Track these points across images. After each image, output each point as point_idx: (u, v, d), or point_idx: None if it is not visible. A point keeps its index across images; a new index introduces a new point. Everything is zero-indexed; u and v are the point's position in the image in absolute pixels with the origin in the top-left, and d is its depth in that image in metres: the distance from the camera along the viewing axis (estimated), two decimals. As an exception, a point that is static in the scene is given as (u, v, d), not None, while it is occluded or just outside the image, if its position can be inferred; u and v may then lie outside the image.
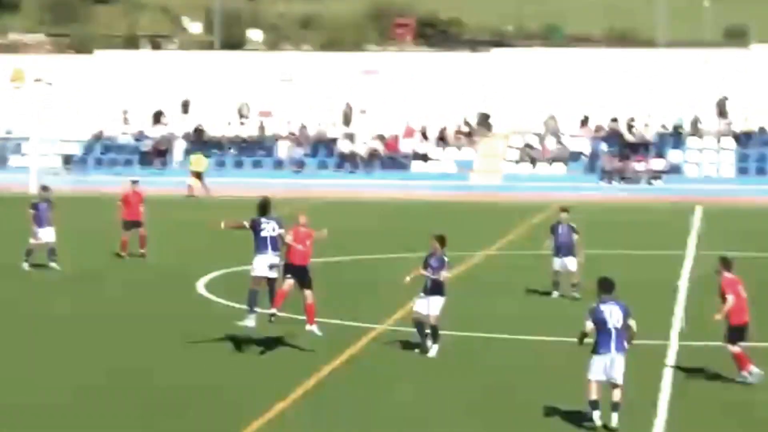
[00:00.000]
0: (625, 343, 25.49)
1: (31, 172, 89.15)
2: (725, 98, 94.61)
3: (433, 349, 31.67)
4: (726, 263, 31.92)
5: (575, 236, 42.77)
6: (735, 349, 30.13)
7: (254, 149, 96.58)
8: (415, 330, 32.17)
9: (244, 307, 31.64)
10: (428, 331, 31.78)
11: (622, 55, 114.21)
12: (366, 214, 73.69)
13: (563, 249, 42.40)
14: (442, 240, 32.43)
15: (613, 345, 25.28)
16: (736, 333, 30.39)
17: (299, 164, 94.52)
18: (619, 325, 25.57)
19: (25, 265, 47.99)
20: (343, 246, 54.09)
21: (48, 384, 28.76)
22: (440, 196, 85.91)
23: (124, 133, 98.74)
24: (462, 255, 51.11)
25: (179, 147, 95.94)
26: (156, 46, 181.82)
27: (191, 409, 26.65)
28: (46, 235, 48.13)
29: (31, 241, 48.36)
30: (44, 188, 51.29)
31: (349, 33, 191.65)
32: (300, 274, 32.58)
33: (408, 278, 32.50)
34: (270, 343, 32.52)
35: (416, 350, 31.93)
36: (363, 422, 25.90)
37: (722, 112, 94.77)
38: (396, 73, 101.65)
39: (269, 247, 32.33)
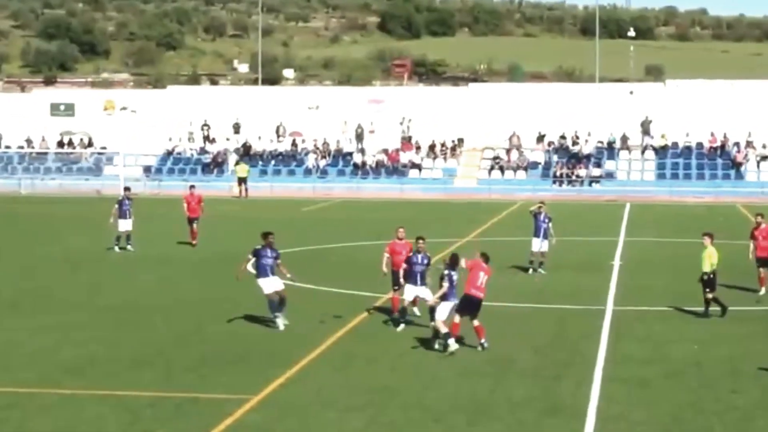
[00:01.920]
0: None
1: (120, 178, 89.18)
2: (649, 120, 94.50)
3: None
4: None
5: (550, 224, 42.64)
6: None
7: (288, 161, 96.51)
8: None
9: (286, 283, 31.15)
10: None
11: (568, 88, 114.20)
12: (374, 209, 73.63)
13: (541, 233, 42.25)
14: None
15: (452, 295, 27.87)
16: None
17: (323, 172, 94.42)
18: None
19: (116, 248, 48.16)
20: (357, 234, 54.12)
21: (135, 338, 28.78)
22: (430, 196, 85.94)
23: (190, 149, 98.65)
24: (448, 241, 51.10)
25: (232, 159, 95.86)
26: (213, 82, 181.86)
27: (237, 362, 26.50)
28: (125, 225, 48.52)
29: (119, 229, 48.66)
30: (127, 189, 51.82)
31: (360, 71, 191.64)
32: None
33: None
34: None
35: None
36: (371, 364, 25.91)
37: (646, 131, 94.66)
38: (396, 102, 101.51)
39: (269, 273, 30.29)
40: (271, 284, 30.19)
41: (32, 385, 23.92)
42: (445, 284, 27.96)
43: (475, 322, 27.78)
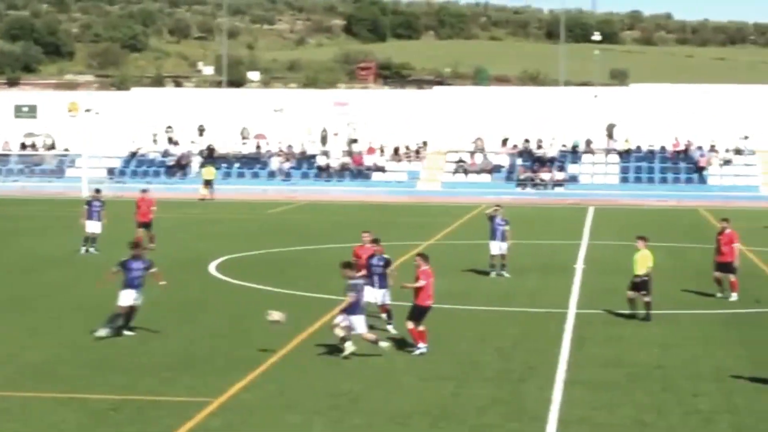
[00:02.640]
0: None
1: (82, 181, 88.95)
2: (613, 124, 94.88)
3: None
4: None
5: (507, 227, 42.73)
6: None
7: (253, 163, 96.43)
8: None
9: (251, 285, 31.14)
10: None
11: (532, 91, 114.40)
12: (338, 212, 73.64)
13: (498, 235, 42.32)
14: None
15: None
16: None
17: (287, 175, 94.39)
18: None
19: (83, 250, 47.99)
20: (322, 236, 54.12)
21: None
22: (394, 199, 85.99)
23: (154, 151, 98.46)
24: (411, 244, 51.17)
25: (196, 162, 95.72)
26: (178, 84, 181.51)
27: (199, 365, 26.48)
28: (93, 227, 48.32)
29: (87, 231, 48.50)
30: (97, 191, 51.69)
31: (324, 74, 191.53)
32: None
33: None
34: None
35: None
36: (335, 367, 25.93)
37: (610, 135, 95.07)
38: (361, 105, 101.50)
39: (134, 285, 29.35)
40: (129, 297, 29.33)
41: (-6, 388, 23.90)
42: (357, 292, 27.19)
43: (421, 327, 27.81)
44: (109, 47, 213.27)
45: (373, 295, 29.87)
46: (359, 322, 27.00)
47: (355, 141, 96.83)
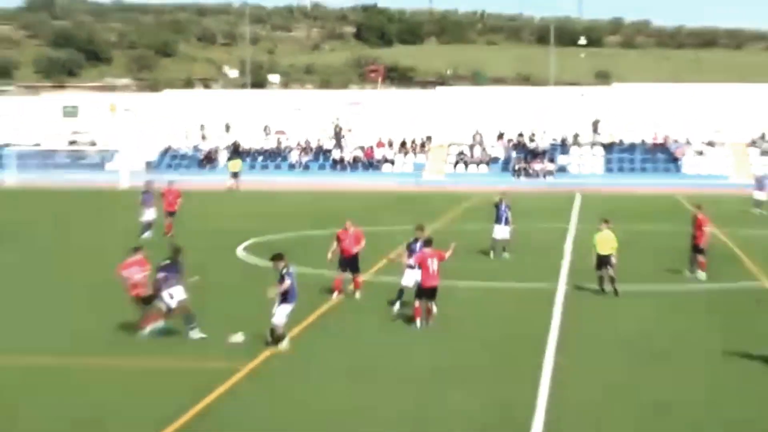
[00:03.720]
0: None
1: (121, 174, 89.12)
2: (598, 120, 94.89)
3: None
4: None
5: (509, 212, 42.75)
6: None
7: (274, 157, 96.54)
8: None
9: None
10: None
11: (525, 91, 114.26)
12: (351, 200, 73.69)
13: (502, 220, 42.34)
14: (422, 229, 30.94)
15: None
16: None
17: (305, 167, 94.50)
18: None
19: (146, 234, 47.89)
20: (336, 221, 54.16)
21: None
22: (402, 188, 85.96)
23: (186, 147, 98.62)
24: (417, 228, 51.23)
25: (223, 156, 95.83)
26: (206, 86, 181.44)
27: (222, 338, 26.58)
28: (149, 214, 48.46)
29: (140, 219, 48.63)
30: (149, 182, 51.39)
31: (338, 76, 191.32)
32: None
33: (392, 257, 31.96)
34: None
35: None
36: (349, 339, 26.10)
37: (595, 129, 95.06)
38: (372, 103, 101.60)
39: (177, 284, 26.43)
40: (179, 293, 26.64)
41: (44, 357, 24.02)
42: (287, 281, 25.20)
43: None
44: (143, 53, 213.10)
45: (414, 276, 29.11)
46: (282, 313, 25.08)
47: (342, 135, 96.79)
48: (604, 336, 26.75)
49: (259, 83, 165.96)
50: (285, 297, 25.00)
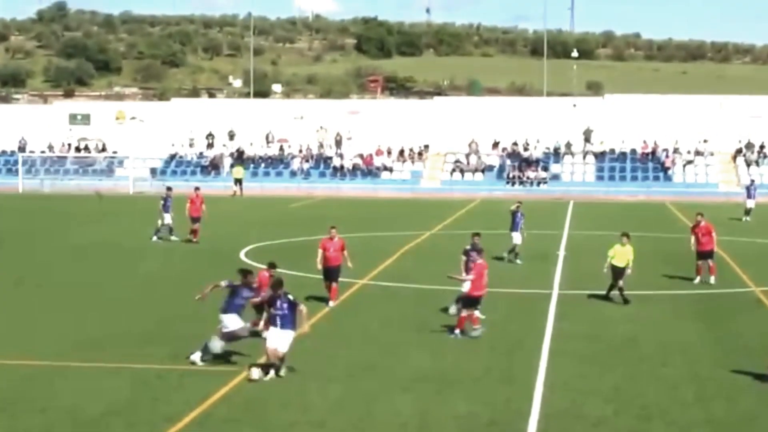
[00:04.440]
0: None
1: (129, 179, 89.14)
2: (590, 130, 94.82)
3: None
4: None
5: (523, 220, 42.71)
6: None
7: (276, 164, 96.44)
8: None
9: (277, 270, 30.98)
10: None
11: (519, 101, 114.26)
12: (351, 206, 73.65)
13: (518, 228, 42.17)
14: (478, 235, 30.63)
15: None
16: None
17: (307, 174, 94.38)
18: None
19: (154, 238, 48.47)
20: (336, 227, 54.02)
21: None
22: (400, 195, 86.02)
23: (191, 154, 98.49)
24: (415, 233, 51.22)
25: (227, 162, 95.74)
26: (211, 95, 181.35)
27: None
28: (168, 218, 48.49)
29: (159, 222, 48.84)
30: (169, 188, 51.38)
31: (338, 86, 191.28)
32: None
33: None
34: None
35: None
36: (350, 340, 25.93)
37: (587, 139, 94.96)
38: (371, 113, 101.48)
39: (236, 312, 23.88)
40: (234, 322, 23.86)
41: (55, 359, 23.92)
42: (284, 305, 22.74)
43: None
44: (151, 63, 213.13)
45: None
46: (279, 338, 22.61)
47: (321, 146, 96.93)
48: (596, 341, 26.62)
49: (262, 93, 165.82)
50: (285, 323, 22.61)
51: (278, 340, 22.34)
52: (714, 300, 33.50)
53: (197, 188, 51.99)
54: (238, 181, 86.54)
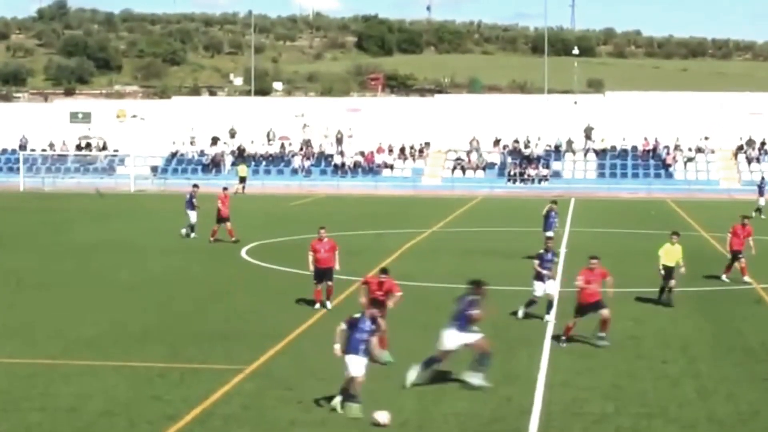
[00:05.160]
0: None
1: (130, 177, 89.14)
2: (591, 127, 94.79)
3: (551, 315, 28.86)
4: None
5: (557, 220, 42.57)
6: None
7: (277, 161, 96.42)
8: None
9: (277, 267, 31.02)
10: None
11: (520, 98, 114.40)
12: (352, 204, 73.66)
13: (552, 228, 41.92)
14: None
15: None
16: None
17: (308, 171, 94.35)
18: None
19: (191, 235, 48.74)
20: (338, 225, 54.05)
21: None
22: (401, 192, 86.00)
23: (192, 152, 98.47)
24: (417, 231, 51.17)
25: (227, 160, 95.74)
26: (212, 93, 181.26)
27: (233, 337, 26.47)
28: (193, 216, 48.46)
29: (189, 221, 48.99)
30: (195, 186, 51.29)
31: (339, 84, 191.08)
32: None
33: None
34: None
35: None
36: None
37: (588, 136, 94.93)
38: (371, 110, 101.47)
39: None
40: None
41: (56, 357, 23.93)
42: (367, 327, 20.40)
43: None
44: (152, 61, 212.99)
45: (543, 287, 28.95)
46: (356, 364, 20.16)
47: (308, 142, 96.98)
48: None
49: (263, 91, 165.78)
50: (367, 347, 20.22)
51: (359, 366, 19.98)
52: (715, 297, 33.48)
53: (225, 188, 51.56)
54: (242, 179, 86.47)
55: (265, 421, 19.29)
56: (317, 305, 30.20)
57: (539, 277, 29.06)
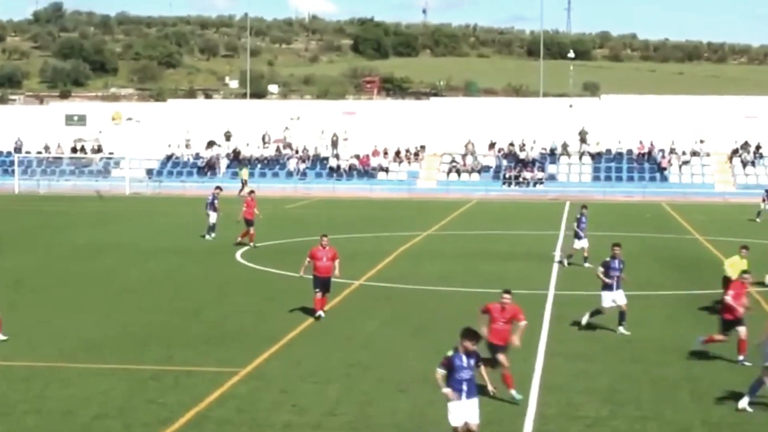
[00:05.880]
0: None
1: (125, 180, 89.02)
2: (586, 130, 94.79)
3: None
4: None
5: (587, 224, 42.22)
6: None
7: (273, 164, 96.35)
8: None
9: (273, 270, 31.00)
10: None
11: (516, 102, 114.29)
12: (347, 207, 73.59)
13: (583, 233, 41.78)
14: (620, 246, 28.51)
15: None
16: None
17: (303, 174, 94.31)
18: None
19: (209, 237, 49.10)
20: (334, 228, 53.99)
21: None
22: (396, 195, 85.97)
23: (187, 154, 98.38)
24: (412, 234, 51.13)
25: (223, 163, 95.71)
26: (208, 96, 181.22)
27: (228, 340, 26.45)
28: (213, 217, 48.53)
29: (210, 222, 49.25)
30: (218, 188, 51.48)
31: (335, 87, 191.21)
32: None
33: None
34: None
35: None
36: (346, 341, 25.85)
37: (583, 139, 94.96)
38: (367, 113, 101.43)
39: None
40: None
41: (52, 360, 23.90)
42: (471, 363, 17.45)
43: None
44: (147, 64, 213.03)
45: (611, 297, 27.85)
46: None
47: (289, 145, 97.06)
48: (592, 341, 26.57)
49: (259, 94, 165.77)
50: (471, 388, 17.31)
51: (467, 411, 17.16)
52: (710, 300, 33.44)
53: (252, 192, 51.88)
54: (244, 182, 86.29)
55: (259, 424, 19.25)
56: (318, 313, 29.08)
57: (606, 287, 27.77)
